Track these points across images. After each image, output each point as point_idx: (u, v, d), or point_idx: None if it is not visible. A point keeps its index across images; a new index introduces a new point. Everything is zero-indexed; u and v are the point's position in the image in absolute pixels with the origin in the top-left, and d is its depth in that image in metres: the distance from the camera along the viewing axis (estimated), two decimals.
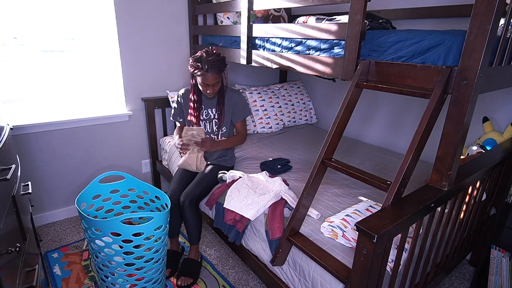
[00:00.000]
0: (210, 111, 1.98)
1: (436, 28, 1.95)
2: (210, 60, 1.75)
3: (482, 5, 0.93)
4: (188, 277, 1.79)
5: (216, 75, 1.79)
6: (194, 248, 1.88)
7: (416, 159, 1.10)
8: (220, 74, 1.83)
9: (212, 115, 1.97)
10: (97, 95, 2.42)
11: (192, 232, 1.81)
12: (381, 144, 2.56)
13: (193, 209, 1.77)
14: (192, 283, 1.78)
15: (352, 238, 1.32)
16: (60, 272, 1.86)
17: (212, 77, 1.79)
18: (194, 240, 1.84)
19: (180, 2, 2.48)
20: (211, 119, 1.97)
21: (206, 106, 1.98)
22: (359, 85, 1.29)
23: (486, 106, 1.94)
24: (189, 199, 1.75)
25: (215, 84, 1.82)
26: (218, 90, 1.88)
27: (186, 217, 1.77)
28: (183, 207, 1.76)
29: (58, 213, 2.38)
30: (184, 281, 1.77)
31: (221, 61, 1.80)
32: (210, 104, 1.98)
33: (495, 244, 1.69)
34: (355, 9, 1.28)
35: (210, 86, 1.83)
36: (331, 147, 1.31)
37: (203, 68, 1.76)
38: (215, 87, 1.84)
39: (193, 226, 1.79)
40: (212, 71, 1.76)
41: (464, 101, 1.02)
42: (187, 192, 1.79)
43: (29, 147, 2.14)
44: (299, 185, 1.82)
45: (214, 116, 1.97)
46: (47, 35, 2.13)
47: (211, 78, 1.79)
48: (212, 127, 1.98)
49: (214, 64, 1.76)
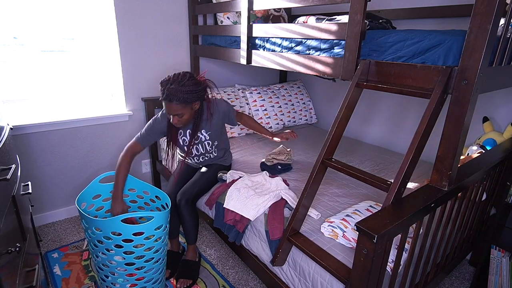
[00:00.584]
0: (200, 134, 1.82)
1: (436, 28, 1.95)
2: (171, 89, 1.52)
3: (482, 5, 0.93)
4: (187, 278, 1.79)
5: (176, 106, 1.55)
6: (191, 248, 1.87)
7: (416, 159, 1.10)
8: (186, 105, 1.58)
9: (202, 137, 1.83)
10: (97, 95, 2.42)
11: (189, 232, 1.81)
12: (381, 144, 2.57)
13: (190, 208, 1.77)
14: (191, 284, 1.78)
15: (353, 238, 1.32)
16: (60, 272, 1.86)
17: (172, 107, 1.56)
18: (191, 240, 1.84)
19: (180, 2, 2.48)
20: (202, 141, 1.85)
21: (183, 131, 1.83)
22: (359, 85, 1.29)
23: (486, 106, 1.94)
24: (185, 198, 1.75)
25: (178, 114, 1.60)
26: (186, 120, 1.66)
27: (182, 216, 1.77)
28: (180, 206, 1.76)
29: (58, 213, 2.38)
30: (183, 283, 1.76)
31: (190, 92, 1.55)
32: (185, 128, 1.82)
33: (495, 244, 1.69)
34: (355, 9, 1.28)
35: (172, 116, 1.62)
36: (331, 147, 1.31)
37: (162, 94, 1.56)
38: (179, 118, 1.62)
39: (190, 225, 1.79)
40: (171, 100, 1.54)
41: (464, 101, 1.02)
42: (184, 191, 1.78)
43: (29, 147, 2.14)
44: (299, 185, 1.82)
45: (205, 138, 1.84)
46: (47, 35, 2.13)
47: (170, 107, 1.57)
48: (205, 148, 1.89)
49: (175, 94, 1.52)
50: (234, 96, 2.67)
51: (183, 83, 1.55)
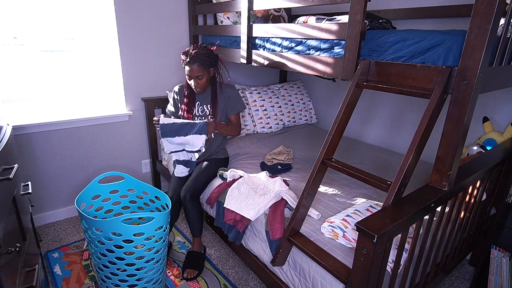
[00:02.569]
0: (206, 107, 2.01)
1: (436, 28, 1.95)
2: (195, 53, 1.81)
3: (482, 5, 0.93)
4: (194, 269, 1.85)
5: (198, 67, 1.83)
6: (197, 240, 1.94)
7: (417, 159, 1.10)
8: (205, 68, 1.86)
9: (207, 111, 2.01)
10: (97, 95, 2.42)
11: (194, 225, 1.87)
12: (381, 144, 2.57)
13: (195, 202, 1.83)
14: (197, 274, 1.85)
15: (353, 238, 1.32)
16: (60, 272, 1.86)
17: (194, 68, 1.84)
18: (197, 232, 1.90)
19: (180, 2, 2.48)
20: (206, 115, 2.01)
21: (201, 102, 2.02)
22: (359, 85, 1.29)
23: (486, 106, 1.94)
24: (190, 193, 1.81)
25: (199, 76, 1.86)
26: (204, 84, 1.91)
27: (188, 211, 1.82)
28: (185, 202, 1.81)
29: (58, 213, 2.38)
30: (190, 273, 1.83)
31: (207, 55, 1.84)
32: (204, 101, 2.01)
33: (495, 244, 1.69)
34: (355, 9, 1.28)
35: (194, 78, 1.87)
36: (331, 147, 1.31)
37: (186, 59, 1.83)
38: (199, 80, 1.88)
39: (195, 219, 1.85)
40: (194, 62, 1.82)
41: (464, 101, 1.02)
42: (187, 187, 1.83)
43: (29, 147, 2.14)
44: (299, 185, 1.82)
45: (209, 112, 2.01)
46: (47, 35, 2.13)
47: (193, 69, 1.84)
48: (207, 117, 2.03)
49: (197, 56, 1.81)
50: None
51: (202, 48, 1.85)
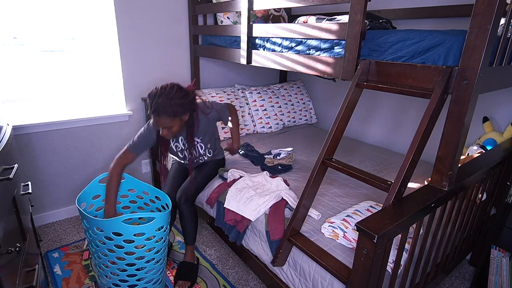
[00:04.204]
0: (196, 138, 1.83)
1: (436, 28, 1.95)
2: (159, 102, 1.48)
3: (482, 5, 0.93)
4: (186, 280, 1.77)
5: (165, 119, 1.51)
6: (190, 249, 1.84)
7: (417, 159, 1.10)
8: (175, 117, 1.54)
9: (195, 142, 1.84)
10: (97, 95, 2.42)
11: (188, 231, 1.79)
12: (381, 144, 2.57)
13: (190, 205, 1.77)
14: (190, 286, 1.77)
15: (353, 239, 1.32)
16: (60, 272, 1.86)
17: (160, 120, 1.52)
18: (191, 240, 1.81)
19: (180, 2, 2.48)
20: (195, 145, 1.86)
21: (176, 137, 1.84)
22: (359, 85, 1.29)
23: (486, 106, 1.94)
24: (185, 196, 1.75)
25: (167, 127, 1.56)
26: (177, 131, 1.62)
27: (183, 214, 1.76)
28: (180, 204, 1.75)
29: (58, 213, 2.38)
30: (182, 285, 1.75)
31: (178, 105, 1.51)
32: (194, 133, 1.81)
33: (495, 244, 1.69)
34: (355, 9, 1.28)
35: (161, 129, 1.58)
36: (331, 147, 1.31)
37: (150, 108, 1.51)
38: (168, 130, 1.58)
39: (190, 224, 1.77)
40: (159, 114, 1.49)
41: (465, 101, 1.02)
42: (184, 188, 1.78)
43: (29, 147, 2.14)
44: (299, 185, 1.82)
45: (197, 142, 1.85)
46: (47, 35, 2.13)
47: (158, 121, 1.53)
48: (198, 151, 1.89)
49: (162, 108, 1.48)
50: (234, 96, 2.67)
51: (171, 96, 1.50)
